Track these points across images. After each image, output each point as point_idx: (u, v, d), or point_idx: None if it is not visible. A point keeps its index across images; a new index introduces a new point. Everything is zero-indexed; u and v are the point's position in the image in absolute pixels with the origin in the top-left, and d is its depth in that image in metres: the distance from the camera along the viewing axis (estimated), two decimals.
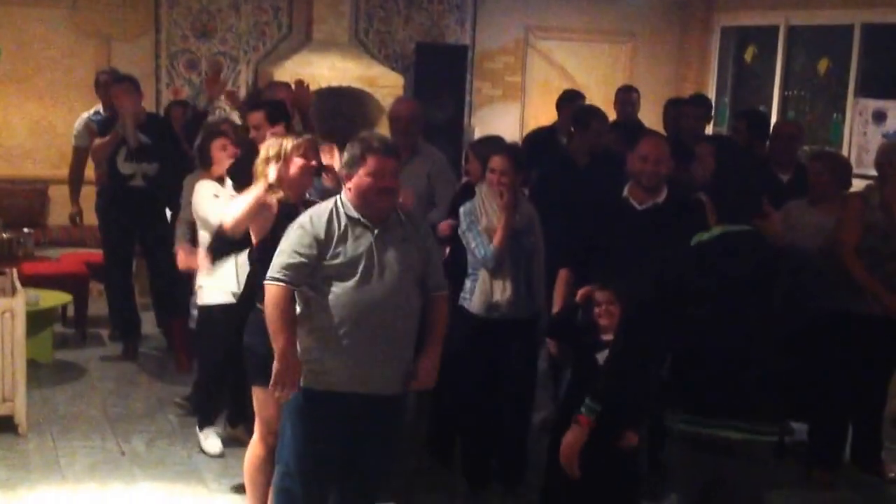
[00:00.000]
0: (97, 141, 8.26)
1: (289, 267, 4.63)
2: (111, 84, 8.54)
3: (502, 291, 5.86)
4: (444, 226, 6.30)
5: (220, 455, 6.47)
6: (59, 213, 10.64)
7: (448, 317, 5.04)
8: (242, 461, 5.53)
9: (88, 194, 9.03)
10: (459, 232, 6.00)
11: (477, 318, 5.92)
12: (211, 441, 6.57)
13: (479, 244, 5.86)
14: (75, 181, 9.19)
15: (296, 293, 4.67)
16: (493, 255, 5.83)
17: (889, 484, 6.65)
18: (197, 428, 6.70)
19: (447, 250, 6.17)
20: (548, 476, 5.47)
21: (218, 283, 6.32)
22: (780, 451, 6.87)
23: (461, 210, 6.02)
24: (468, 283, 5.97)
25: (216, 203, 6.31)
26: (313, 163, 5.39)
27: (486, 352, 5.95)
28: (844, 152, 9.38)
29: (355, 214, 4.69)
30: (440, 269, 5.02)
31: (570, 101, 8.95)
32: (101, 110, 8.95)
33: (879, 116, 9.64)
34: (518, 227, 5.88)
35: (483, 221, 5.92)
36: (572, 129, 7.85)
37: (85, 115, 9.19)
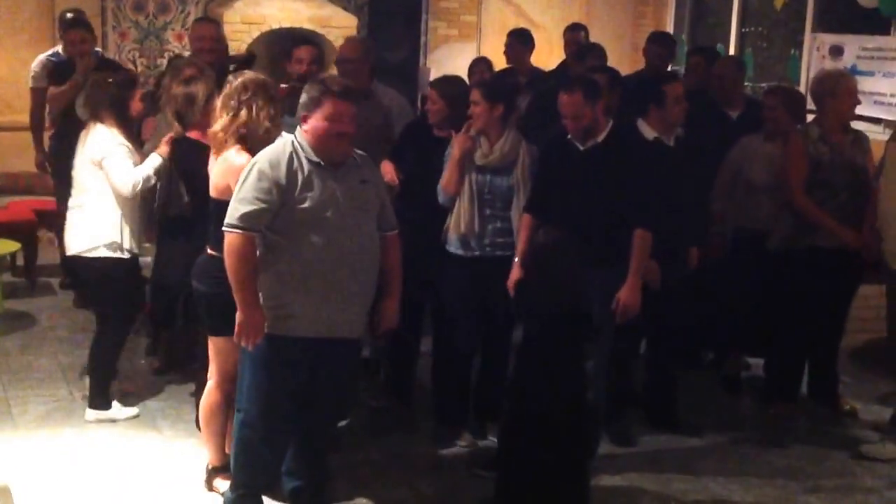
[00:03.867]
0: (53, 89, 8.21)
1: (250, 214, 4.64)
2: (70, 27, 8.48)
3: (469, 226, 5.89)
4: (386, 168, 6.24)
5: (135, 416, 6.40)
6: (3, 160, 10.52)
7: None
8: (195, 407, 5.62)
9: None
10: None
11: (455, 257, 5.99)
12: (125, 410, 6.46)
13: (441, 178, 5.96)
14: (38, 126, 8.89)
15: (256, 238, 4.69)
16: (441, 196, 5.95)
17: (844, 416, 6.80)
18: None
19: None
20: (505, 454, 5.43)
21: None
22: (736, 386, 7.08)
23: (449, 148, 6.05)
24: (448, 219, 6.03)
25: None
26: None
27: (469, 290, 6.00)
28: (802, 88, 9.43)
29: (315, 158, 4.73)
30: (391, 209, 5.11)
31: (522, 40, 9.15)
32: (61, 51, 8.84)
33: (837, 51, 9.71)
34: (494, 165, 5.91)
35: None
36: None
37: (42, 56, 8.98)
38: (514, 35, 9.44)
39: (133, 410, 6.39)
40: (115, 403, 6.35)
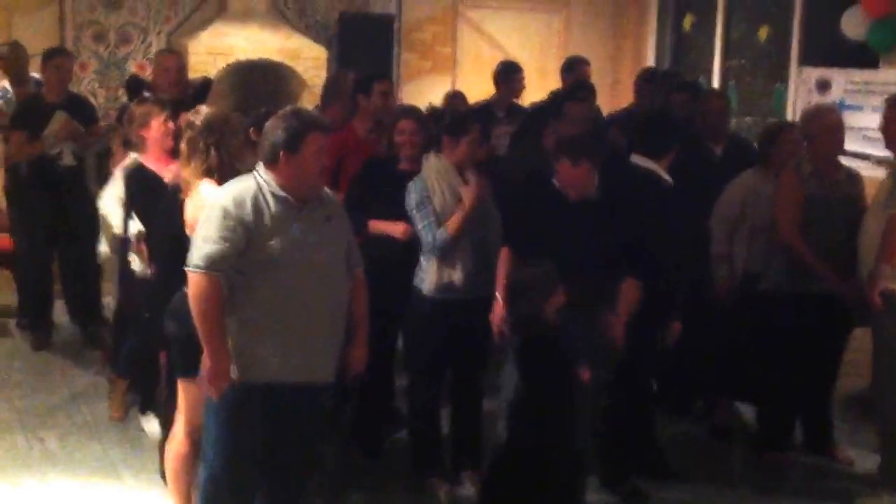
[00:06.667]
0: (21, 142, 8.11)
1: (214, 254, 4.54)
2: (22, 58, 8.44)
3: (457, 272, 5.86)
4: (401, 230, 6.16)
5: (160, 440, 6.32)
6: None
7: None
8: (160, 455, 5.53)
9: None
10: (407, 207, 5.95)
11: (431, 300, 5.92)
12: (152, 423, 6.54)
13: (429, 227, 5.85)
14: None
15: (220, 279, 4.58)
16: (442, 243, 5.84)
17: (839, 466, 6.73)
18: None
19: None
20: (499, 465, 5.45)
21: None
22: (727, 435, 7.01)
23: (410, 185, 5.97)
24: (422, 262, 5.96)
25: None
26: None
27: (440, 333, 5.94)
28: None
29: (282, 194, 4.62)
30: (356, 245, 5.04)
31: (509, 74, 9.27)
32: (8, 86, 8.74)
33: (823, 85, 9.74)
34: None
35: (436, 201, 5.87)
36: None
37: None
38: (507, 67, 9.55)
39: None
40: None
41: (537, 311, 5.16)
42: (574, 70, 9.59)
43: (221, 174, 5.05)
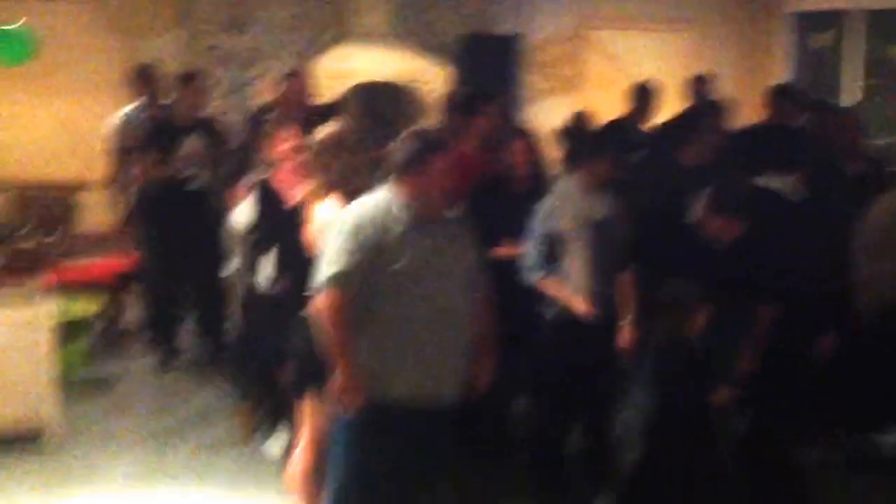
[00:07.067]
0: (152, 163, 8.23)
1: (344, 273, 4.54)
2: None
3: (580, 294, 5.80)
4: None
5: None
6: (86, 219, 10.56)
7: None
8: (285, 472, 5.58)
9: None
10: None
11: (555, 324, 5.89)
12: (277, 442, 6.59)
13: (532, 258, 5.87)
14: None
15: (349, 297, 4.57)
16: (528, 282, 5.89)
17: None
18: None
19: None
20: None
21: None
22: (865, 466, 6.75)
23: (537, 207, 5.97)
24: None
25: None
26: None
27: (567, 357, 5.90)
28: None
29: (409, 214, 4.64)
30: (482, 267, 4.99)
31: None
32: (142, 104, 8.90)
33: None
34: (600, 218, 5.86)
35: (561, 224, 5.85)
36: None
37: (120, 112, 9.09)
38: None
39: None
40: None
41: (680, 330, 5.05)
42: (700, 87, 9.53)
43: (340, 193, 5.08)
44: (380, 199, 4.69)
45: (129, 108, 9.13)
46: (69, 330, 7.76)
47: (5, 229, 8.14)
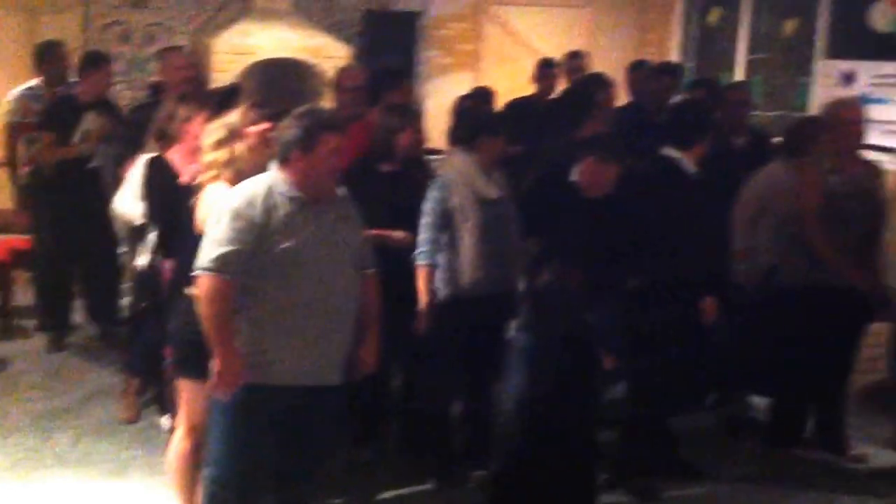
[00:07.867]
0: (50, 143, 8.20)
1: (226, 256, 4.53)
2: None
3: (469, 270, 5.89)
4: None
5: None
6: None
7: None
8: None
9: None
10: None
11: (443, 299, 5.96)
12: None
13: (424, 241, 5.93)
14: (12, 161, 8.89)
15: (231, 281, 4.57)
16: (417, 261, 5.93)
17: (849, 462, 6.71)
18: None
19: None
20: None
21: None
22: (740, 428, 6.99)
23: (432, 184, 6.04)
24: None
25: None
26: None
27: (454, 331, 5.98)
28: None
29: (294, 194, 4.63)
30: (369, 247, 5.03)
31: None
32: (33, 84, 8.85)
33: (848, 78, 9.68)
34: (493, 197, 5.93)
35: (455, 201, 5.91)
36: None
37: (17, 90, 8.97)
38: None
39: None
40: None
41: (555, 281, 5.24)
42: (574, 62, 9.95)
43: (235, 175, 5.03)
44: (265, 180, 4.67)
45: (25, 86, 9.00)
46: None
47: None
